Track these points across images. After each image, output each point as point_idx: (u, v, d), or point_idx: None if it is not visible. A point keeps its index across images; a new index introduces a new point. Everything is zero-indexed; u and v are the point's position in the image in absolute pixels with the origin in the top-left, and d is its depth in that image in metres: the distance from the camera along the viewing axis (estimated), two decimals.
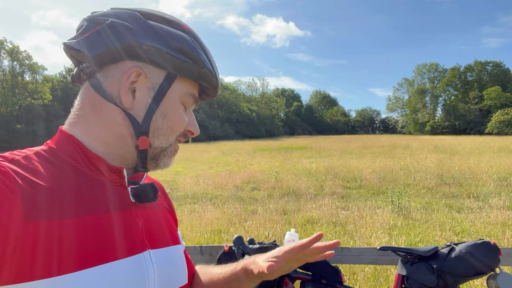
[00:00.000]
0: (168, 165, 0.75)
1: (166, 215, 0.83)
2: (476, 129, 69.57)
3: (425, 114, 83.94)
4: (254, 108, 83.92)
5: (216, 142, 42.09)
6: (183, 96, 0.72)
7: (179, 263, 0.78)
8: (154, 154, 0.72)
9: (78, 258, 0.57)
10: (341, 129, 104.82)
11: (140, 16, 0.68)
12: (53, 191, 0.60)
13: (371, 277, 3.58)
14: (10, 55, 47.34)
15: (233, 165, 15.94)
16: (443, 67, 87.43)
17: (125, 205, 0.69)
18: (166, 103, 0.70)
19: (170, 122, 0.71)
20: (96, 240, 0.60)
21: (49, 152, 0.66)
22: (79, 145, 0.67)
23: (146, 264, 0.67)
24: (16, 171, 0.58)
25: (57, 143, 0.68)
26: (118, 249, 0.63)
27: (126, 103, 0.67)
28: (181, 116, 0.72)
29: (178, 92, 0.71)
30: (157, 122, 0.69)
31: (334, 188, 9.59)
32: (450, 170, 11.55)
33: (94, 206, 0.63)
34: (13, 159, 0.61)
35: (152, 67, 0.68)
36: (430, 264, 1.93)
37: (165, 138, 0.71)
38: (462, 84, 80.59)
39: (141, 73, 0.67)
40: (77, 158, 0.67)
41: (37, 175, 0.60)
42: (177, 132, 0.73)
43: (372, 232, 5.41)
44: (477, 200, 7.77)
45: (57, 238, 0.56)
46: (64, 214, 0.59)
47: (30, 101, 46.14)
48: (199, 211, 7.21)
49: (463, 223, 5.90)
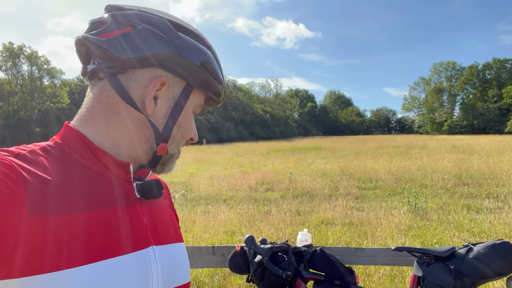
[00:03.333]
0: (171, 169, 0.78)
1: (169, 213, 0.83)
2: (496, 128, 67.96)
3: (443, 113, 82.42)
4: (268, 109, 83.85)
5: (230, 144, 42.21)
6: (196, 107, 0.76)
7: (182, 261, 0.77)
8: (165, 159, 0.75)
9: (85, 252, 0.57)
10: (356, 129, 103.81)
11: (171, 26, 0.70)
12: (59, 186, 0.60)
13: (387, 278, 3.52)
14: (29, 60, 48.56)
15: (247, 166, 15.95)
16: (461, 65, 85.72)
17: (130, 200, 0.69)
18: (182, 113, 0.73)
19: (183, 131, 0.74)
20: (102, 235, 0.61)
21: (55, 147, 0.66)
22: (84, 140, 0.67)
23: (149, 260, 0.67)
24: (21, 166, 0.58)
25: (63, 138, 0.68)
26: (123, 244, 0.64)
27: (149, 110, 0.69)
28: (192, 125, 0.77)
29: (192, 103, 0.74)
30: (173, 130, 0.72)
31: (349, 189, 9.48)
32: (468, 170, 11.29)
33: (100, 201, 0.64)
34: (19, 154, 0.61)
35: (174, 77, 0.70)
36: (447, 265, 1.87)
37: (176, 145, 0.75)
38: (481, 83, 78.86)
39: (165, 82, 0.69)
40: (82, 153, 0.67)
41: (43, 170, 0.60)
42: (186, 139, 0.77)
43: (387, 233, 5.32)
44: (497, 200, 7.57)
45: (64, 233, 0.56)
46: (70, 209, 0.59)
47: (49, 105, 47.20)
48: (212, 212, 7.23)
49: (481, 224, 5.75)
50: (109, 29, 0.68)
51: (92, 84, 0.72)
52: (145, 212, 0.71)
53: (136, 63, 0.67)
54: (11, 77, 48.30)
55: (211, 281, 3.71)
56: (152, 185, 0.72)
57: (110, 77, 0.68)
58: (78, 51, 0.72)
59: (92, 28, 0.70)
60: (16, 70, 48.31)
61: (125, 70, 0.68)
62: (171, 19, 0.71)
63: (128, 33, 0.67)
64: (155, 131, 0.70)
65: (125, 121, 0.69)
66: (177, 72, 0.69)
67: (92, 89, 0.72)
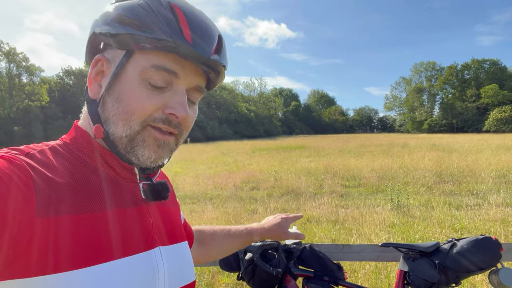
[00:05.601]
0: (151, 158, 0.65)
1: (175, 211, 0.83)
2: (474, 127, 69.79)
3: (423, 112, 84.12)
4: (252, 108, 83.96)
5: (215, 143, 42.08)
6: (147, 71, 0.61)
7: (187, 260, 0.78)
8: (123, 145, 0.64)
9: (92, 253, 0.57)
10: (339, 128, 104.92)
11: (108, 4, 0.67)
12: (67, 186, 0.60)
13: (372, 274, 3.59)
14: (7, 57, 47.19)
15: (232, 165, 15.94)
16: (440, 66, 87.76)
17: (136, 201, 0.69)
18: (122, 84, 0.63)
19: (126, 105, 0.62)
20: (109, 236, 0.61)
21: (64, 148, 0.67)
22: (91, 140, 0.68)
23: (156, 260, 0.68)
24: (31, 165, 0.58)
25: (72, 138, 0.69)
26: (130, 245, 0.64)
27: (92, 93, 0.67)
28: (141, 96, 0.62)
29: (138, 67, 0.62)
30: (113, 107, 0.63)
31: (334, 187, 9.60)
32: (448, 168, 11.58)
33: (107, 202, 0.64)
34: (29, 153, 0.61)
35: (116, 50, 0.64)
36: (432, 260, 1.93)
37: (125, 124, 0.62)
38: (460, 82, 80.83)
39: (103, 61, 0.66)
40: (90, 154, 0.67)
41: (52, 170, 0.60)
42: (140, 116, 0.62)
43: (372, 230, 5.42)
44: (476, 197, 7.79)
45: (71, 233, 0.56)
46: (78, 209, 0.59)
47: (28, 103, 45.98)
48: (198, 211, 7.21)
49: (462, 220, 5.92)
50: None
51: None
52: (151, 212, 0.72)
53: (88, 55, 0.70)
54: None
55: (199, 279, 3.71)
56: (158, 188, 0.71)
57: None
58: None
59: None
60: None
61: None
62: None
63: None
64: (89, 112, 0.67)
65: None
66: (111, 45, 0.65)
67: None
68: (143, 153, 0.64)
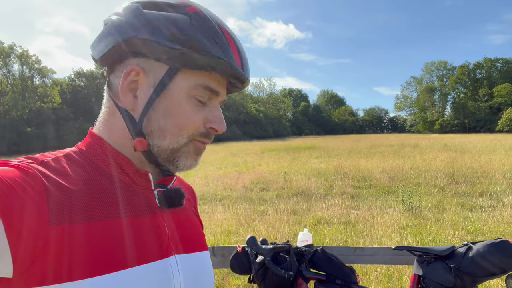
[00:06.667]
0: (190, 166, 0.69)
1: (193, 219, 0.81)
2: (486, 127, 68.79)
3: (434, 112, 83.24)
4: (261, 109, 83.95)
5: (224, 143, 42.13)
6: (193, 90, 0.64)
7: (205, 269, 0.76)
8: (166, 156, 0.66)
9: (106, 261, 0.57)
10: (349, 128, 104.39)
11: (138, 7, 0.63)
12: (81, 194, 0.59)
13: (384, 277, 3.55)
14: (20, 60, 47.98)
15: (241, 166, 15.94)
16: (452, 65, 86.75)
17: (151, 209, 0.68)
18: (169, 100, 0.63)
19: (176, 120, 0.64)
20: (124, 244, 0.60)
21: (79, 155, 0.66)
22: (107, 147, 0.67)
23: (172, 269, 0.66)
24: (44, 174, 0.57)
25: (87, 145, 0.68)
26: (145, 253, 0.63)
27: (126, 104, 0.65)
28: (189, 112, 0.64)
29: (184, 85, 0.63)
30: (160, 121, 0.64)
31: (344, 188, 9.53)
32: (461, 169, 11.41)
33: (122, 209, 0.63)
34: (43, 161, 0.61)
35: (153, 62, 0.63)
36: (447, 264, 1.89)
37: (173, 138, 0.65)
38: (472, 82, 79.78)
39: (139, 71, 0.63)
40: (106, 161, 0.66)
41: (66, 178, 0.60)
42: (188, 130, 0.65)
43: (383, 232, 5.36)
44: (490, 198, 7.66)
45: (84, 241, 0.56)
46: (92, 217, 0.58)
47: (40, 104, 46.66)
48: (208, 212, 7.22)
49: (476, 222, 5.82)
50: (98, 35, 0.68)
51: None
52: (167, 220, 0.70)
53: (110, 58, 0.65)
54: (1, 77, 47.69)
55: None
56: (171, 194, 0.70)
57: (106, 78, 0.69)
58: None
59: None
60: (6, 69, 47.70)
61: (113, 69, 0.67)
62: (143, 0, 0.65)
63: (100, 33, 0.67)
64: (127, 124, 0.65)
65: (117, 120, 0.67)
66: (152, 55, 0.62)
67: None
68: (185, 162, 0.68)
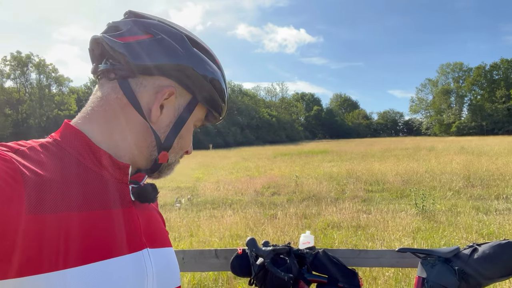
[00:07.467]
0: (168, 175, 0.81)
1: (157, 217, 0.83)
2: (505, 129, 67.25)
3: (451, 115, 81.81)
4: (274, 113, 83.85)
5: (237, 148, 42.25)
6: (198, 120, 0.79)
7: (174, 264, 0.78)
8: (163, 167, 0.76)
9: (83, 252, 0.57)
10: (363, 132, 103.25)
11: (187, 40, 0.72)
12: (58, 184, 0.59)
13: (392, 282, 3.47)
14: (37, 69, 49.25)
15: (253, 170, 15.93)
16: (468, 66, 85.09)
17: (125, 203, 0.69)
18: (185, 125, 0.75)
19: (183, 143, 0.77)
20: (100, 235, 0.60)
21: (54, 145, 0.66)
22: (85, 139, 0.67)
23: (145, 262, 0.67)
24: (20, 162, 0.57)
25: (62, 136, 0.67)
26: (119, 245, 0.63)
27: (154, 117, 0.70)
28: (190, 137, 0.79)
29: (195, 116, 0.76)
30: (177, 141, 0.74)
31: (356, 192, 9.42)
32: (477, 172, 11.16)
33: (97, 201, 0.63)
34: (18, 150, 0.60)
35: (182, 89, 0.72)
36: (451, 266, 1.84)
37: (175, 155, 0.77)
38: (488, 83, 78.22)
39: (173, 93, 0.70)
40: (82, 152, 0.66)
41: (42, 167, 0.59)
42: (184, 151, 0.79)
43: (395, 236, 5.26)
44: (506, 201, 7.46)
45: (62, 232, 0.55)
46: (68, 208, 0.58)
47: (57, 112, 47.74)
48: (218, 216, 7.22)
49: (490, 226, 5.66)
50: (128, 34, 0.69)
51: (101, 84, 0.72)
52: (139, 215, 0.71)
53: (148, 70, 0.68)
54: (19, 86, 49.01)
55: (215, 284, 3.69)
56: (148, 189, 0.73)
57: (121, 79, 0.69)
58: (91, 49, 0.73)
59: (111, 30, 0.71)
60: (24, 78, 49.06)
61: (137, 75, 0.69)
62: (188, 34, 0.74)
63: (146, 41, 0.69)
64: (156, 139, 0.71)
65: (129, 125, 0.69)
66: (186, 84, 0.71)
67: (101, 89, 0.71)
68: (169, 173, 0.80)
